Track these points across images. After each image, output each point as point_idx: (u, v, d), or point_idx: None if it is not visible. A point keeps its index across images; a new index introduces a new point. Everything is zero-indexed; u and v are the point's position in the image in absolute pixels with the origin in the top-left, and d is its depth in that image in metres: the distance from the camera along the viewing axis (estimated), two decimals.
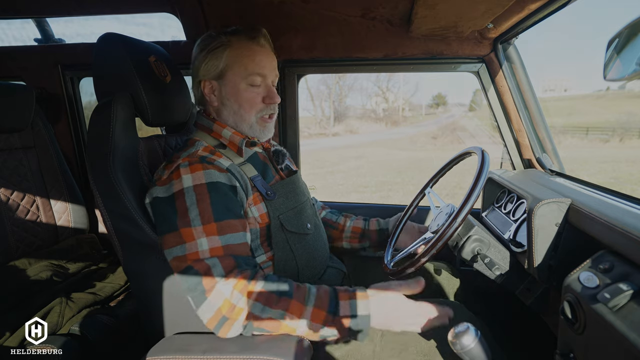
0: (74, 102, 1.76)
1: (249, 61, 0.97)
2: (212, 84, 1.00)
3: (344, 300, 0.82)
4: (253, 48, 0.98)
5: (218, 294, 0.78)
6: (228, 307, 0.79)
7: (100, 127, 0.94)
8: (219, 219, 0.84)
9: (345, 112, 29.75)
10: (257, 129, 1.02)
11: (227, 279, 0.79)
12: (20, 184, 1.49)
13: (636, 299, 0.57)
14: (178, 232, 0.82)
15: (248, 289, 0.80)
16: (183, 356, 0.80)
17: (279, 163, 1.12)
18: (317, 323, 0.80)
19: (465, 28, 1.28)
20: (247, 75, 0.97)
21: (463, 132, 20.41)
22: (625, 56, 0.66)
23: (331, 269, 1.14)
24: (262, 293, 0.80)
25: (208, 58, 0.97)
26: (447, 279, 1.26)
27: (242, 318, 0.79)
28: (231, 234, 0.84)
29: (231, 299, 0.79)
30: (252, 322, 0.80)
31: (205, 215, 0.83)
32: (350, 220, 1.32)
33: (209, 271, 0.79)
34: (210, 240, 0.82)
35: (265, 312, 0.79)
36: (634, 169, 10.87)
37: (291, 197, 1.03)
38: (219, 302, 0.79)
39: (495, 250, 1.01)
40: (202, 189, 0.85)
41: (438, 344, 0.89)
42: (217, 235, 0.83)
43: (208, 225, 0.82)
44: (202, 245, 0.81)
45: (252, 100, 0.99)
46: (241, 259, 0.84)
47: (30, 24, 1.75)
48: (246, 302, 0.79)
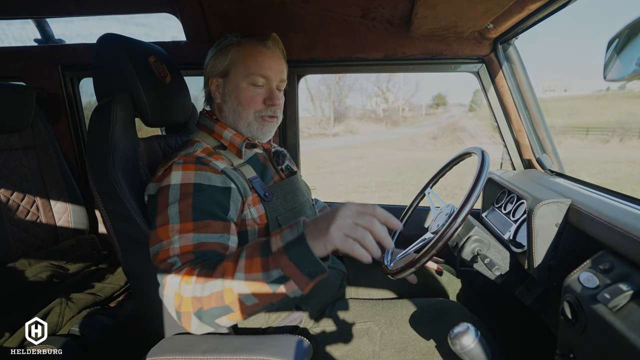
0: (74, 103, 1.76)
1: (252, 61, 0.98)
2: (217, 81, 1.02)
3: (275, 235, 0.71)
4: (259, 49, 0.99)
5: (169, 293, 0.75)
6: (178, 301, 0.74)
7: (100, 128, 0.94)
8: (197, 218, 0.81)
9: (345, 112, 29.77)
10: (255, 128, 1.02)
11: (177, 273, 0.75)
12: (20, 184, 1.49)
13: (636, 300, 0.57)
14: (156, 231, 0.82)
15: (189, 276, 0.73)
16: (183, 356, 0.80)
17: (279, 164, 1.12)
18: (254, 273, 0.69)
19: (465, 28, 1.28)
20: (249, 74, 0.98)
21: (463, 133, 20.42)
22: (625, 56, 0.66)
23: (331, 269, 1.13)
24: (200, 273, 0.73)
25: (217, 55, 1.01)
26: (447, 279, 1.26)
27: (190, 307, 0.73)
28: (207, 234, 0.81)
29: (179, 290, 0.73)
30: (201, 308, 0.72)
31: (185, 213, 0.81)
32: None
33: (169, 269, 0.76)
34: (182, 238, 0.79)
35: (205, 289, 0.71)
36: (634, 169, 10.87)
37: (289, 198, 1.03)
38: (171, 300, 0.75)
39: (495, 250, 1.01)
40: (188, 188, 0.84)
41: (438, 344, 0.90)
42: (192, 233, 0.80)
43: (186, 223, 0.80)
44: (174, 243, 0.79)
45: (251, 99, 0.99)
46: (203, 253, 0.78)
47: (30, 24, 1.75)
48: (186, 289, 0.73)
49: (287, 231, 0.70)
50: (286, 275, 0.67)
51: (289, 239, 0.69)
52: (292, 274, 0.67)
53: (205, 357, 0.78)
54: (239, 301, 0.70)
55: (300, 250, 0.67)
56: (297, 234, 0.68)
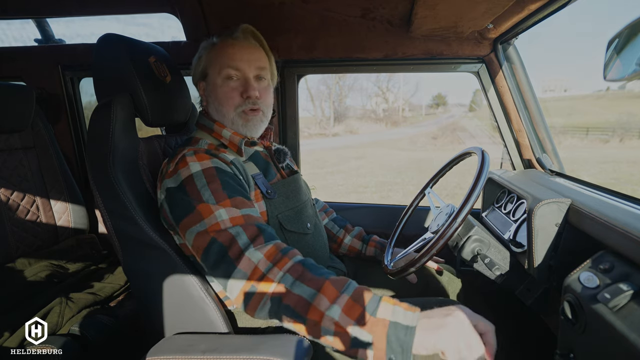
0: (74, 103, 1.76)
1: (221, 55, 0.98)
2: (202, 84, 1.05)
3: (387, 302, 0.67)
4: (228, 42, 0.99)
5: (247, 261, 0.74)
6: (258, 276, 0.73)
7: (100, 128, 0.94)
8: (232, 196, 0.83)
9: (345, 112, 29.77)
10: (240, 124, 1.00)
11: (255, 246, 0.76)
12: (20, 184, 1.49)
13: (636, 299, 0.57)
14: (195, 211, 0.81)
15: (280, 260, 0.74)
16: (183, 356, 0.80)
17: (280, 162, 1.13)
18: (349, 317, 0.65)
19: (465, 28, 1.28)
20: (220, 70, 0.98)
21: (463, 133, 20.42)
22: (625, 56, 0.66)
23: (331, 269, 1.13)
24: (296, 267, 0.73)
25: (196, 60, 1.04)
26: (448, 279, 1.26)
27: (270, 291, 0.72)
28: (246, 208, 0.83)
29: (260, 266, 0.73)
30: (279, 298, 0.70)
31: (218, 194, 0.82)
32: (350, 235, 1.33)
33: (234, 240, 0.76)
34: (228, 211, 0.80)
35: (295, 287, 0.70)
36: (635, 169, 10.86)
37: (291, 196, 1.03)
38: (249, 270, 0.73)
39: (495, 250, 1.01)
40: (210, 171, 0.85)
41: None
42: (234, 208, 0.81)
43: (223, 202, 0.81)
44: (222, 216, 0.79)
45: (228, 94, 0.98)
46: (265, 227, 0.81)
47: (30, 25, 1.75)
48: (276, 274, 0.72)
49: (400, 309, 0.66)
50: (372, 344, 0.64)
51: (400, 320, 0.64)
52: (377, 349, 0.64)
53: (205, 356, 0.78)
54: (319, 327, 0.67)
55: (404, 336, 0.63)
56: (410, 323, 0.64)
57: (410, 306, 0.67)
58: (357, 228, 1.37)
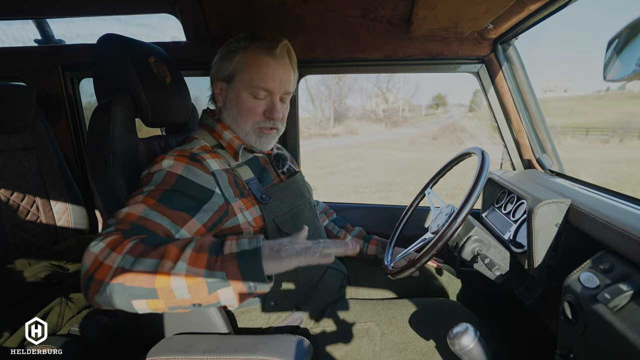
0: (74, 103, 1.76)
1: (255, 72, 0.95)
2: (221, 85, 1.02)
3: (230, 240, 0.71)
4: (264, 59, 0.96)
5: (89, 254, 0.68)
6: (95, 266, 0.66)
7: (100, 128, 0.94)
8: (162, 201, 0.79)
9: (345, 112, 29.76)
10: (253, 139, 1.01)
11: (105, 237, 0.69)
12: (20, 184, 1.49)
13: (636, 300, 0.57)
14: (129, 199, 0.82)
15: (120, 245, 0.68)
16: (183, 356, 0.80)
17: (280, 167, 1.12)
18: (197, 267, 0.65)
19: (465, 29, 1.28)
20: (251, 86, 0.96)
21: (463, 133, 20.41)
22: (625, 56, 0.66)
23: (331, 270, 1.14)
24: (137, 246, 0.68)
25: (222, 59, 1.00)
26: (447, 279, 1.26)
27: (109, 277, 0.65)
28: (161, 215, 0.77)
29: (99, 256, 0.67)
30: (122, 283, 0.64)
31: (156, 192, 0.81)
32: (350, 235, 1.33)
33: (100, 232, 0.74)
34: (134, 207, 0.77)
35: (137, 264, 0.65)
36: (634, 169, 10.86)
37: (286, 200, 1.03)
38: (89, 263, 0.67)
39: (495, 250, 1.01)
40: (172, 177, 0.85)
41: (438, 344, 0.90)
42: (145, 206, 0.77)
43: (149, 198, 0.79)
44: (124, 209, 0.77)
45: (251, 110, 0.98)
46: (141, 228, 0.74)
47: (30, 25, 1.75)
48: (114, 258, 0.66)
49: (244, 240, 0.70)
50: (228, 281, 0.65)
51: (245, 247, 0.68)
52: (234, 282, 0.66)
53: (205, 357, 0.78)
54: (170, 289, 0.65)
55: (253, 260, 0.66)
56: (255, 245, 0.68)
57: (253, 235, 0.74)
58: (357, 228, 1.37)
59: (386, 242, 1.30)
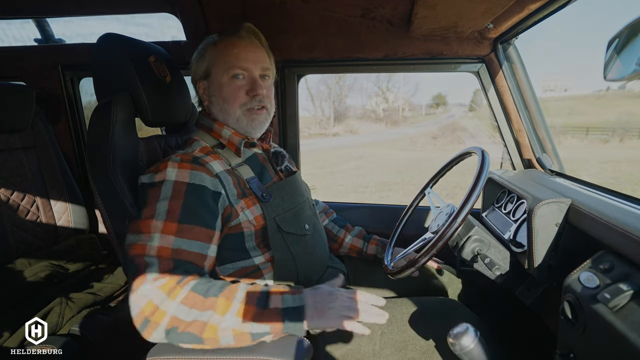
0: (74, 103, 1.76)
1: (227, 55, 0.98)
2: (203, 84, 1.03)
3: (275, 294, 0.78)
4: (232, 42, 0.99)
5: (141, 295, 0.73)
6: (151, 309, 0.73)
7: (100, 128, 0.94)
8: (183, 221, 0.81)
9: (345, 112, 29.75)
10: (244, 122, 1.01)
11: (156, 281, 0.74)
12: (20, 184, 1.49)
13: (636, 299, 0.57)
14: (139, 222, 0.81)
15: (174, 291, 0.74)
16: (183, 356, 0.80)
17: (279, 164, 1.12)
18: (245, 321, 0.74)
19: (465, 28, 1.28)
20: (227, 69, 0.97)
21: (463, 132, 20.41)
22: (625, 56, 0.66)
23: (331, 269, 1.14)
24: (189, 296, 0.74)
25: (197, 59, 1.02)
26: (448, 279, 1.26)
27: (164, 322, 0.72)
28: (188, 239, 0.80)
29: (155, 300, 0.73)
30: (176, 328, 0.73)
31: (172, 213, 0.81)
32: (350, 235, 1.33)
33: (144, 270, 0.75)
34: (162, 239, 0.78)
35: (190, 315, 0.73)
36: (635, 169, 10.86)
37: (287, 198, 1.03)
38: (142, 304, 0.73)
39: (495, 250, 1.01)
40: (181, 187, 0.84)
41: (437, 343, 0.90)
42: (173, 236, 0.79)
43: (170, 223, 0.80)
44: (153, 241, 0.78)
45: (234, 93, 0.98)
46: (183, 264, 0.78)
47: (30, 24, 1.75)
48: (169, 305, 0.73)
49: (288, 296, 0.78)
50: (270, 333, 0.75)
51: (289, 305, 0.77)
52: (274, 334, 0.75)
53: (205, 357, 0.78)
54: (217, 339, 0.74)
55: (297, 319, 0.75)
56: (298, 304, 0.77)
57: (295, 290, 0.81)
58: (357, 228, 1.37)
59: (386, 241, 1.30)
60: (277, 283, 0.98)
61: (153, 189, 0.85)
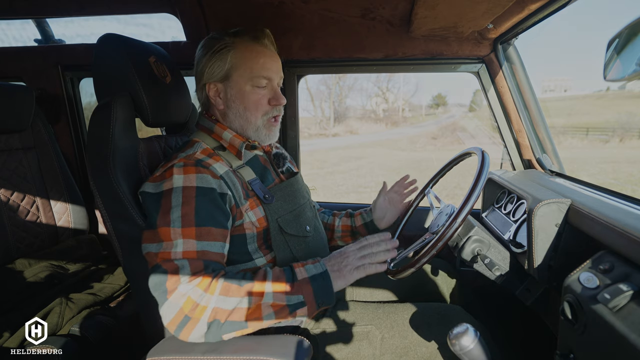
0: (74, 103, 1.76)
1: (253, 63, 0.96)
2: (217, 86, 0.99)
3: (298, 267, 0.86)
4: (257, 49, 0.97)
5: (179, 295, 0.76)
6: (191, 306, 0.76)
7: (100, 128, 0.94)
8: (200, 224, 0.82)
9: (345, 112, 29.77)
10: (263, 133, 1.01)
11: (191, 280, 0.77)
12: (20, 184, 1.49)
13: (636, 300, 0.57)
14: (156, 231, 0.82)
15: (210, 286, 0.78)
16: (183, 356, 0.80)
17: (280, 166, 1.12)
18: (280, 293, 0.80)
19: (465, 28, 1.28)
20: (252, 77, 0.96)
21: (463, 133, 20.41)
22: (625, 56, 0.66)
23: None
24: (224, 286, 0.78)
25: (213, 60, 0.97)
26: (448, 280, 1.26)
27: (205, 316, 0.76)
28: (208, 242, 0.83)
29: (194, 297, 0.76)
30: (218, 320, 0.77)
31: (187, 218, 0.82)
32: (339, 218, 1.32)
33: (176, 272, 0.77)
34: (186, 243, 0.80)
35: (231, 303, 0.77)
36: (635, 169, 10.86)
37: (290, 200, 1.03)
38: (181, 303, 0.76)
39: (495, 250, 1.01)
40: (190, 192, 0.84)
41: (438, 349, 0.89)
42: (195, 240, 0.81)
43: (188, 228, 0.81)
44: (177, 247, 0.80)
45: (257, 101, 0.98)
46: (211, 263, 0.82)
47: (30, 25, 1.75)
48: (209, 299, 0.76)
49: (310, 266, 0.85)
50: (304, 302, 0.80)
51: (314, 272, 0.84)
52: (309, 302, 0.81)
53: (205, 357, 0.78)
54: (260, 319, 0.79)
55: (324, 283, 0.82)
56: (321, 270, 0.84)
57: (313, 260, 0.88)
58: (343, 212, 1.36)
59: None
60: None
61: (163, 199, 0.85)
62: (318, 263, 0.86)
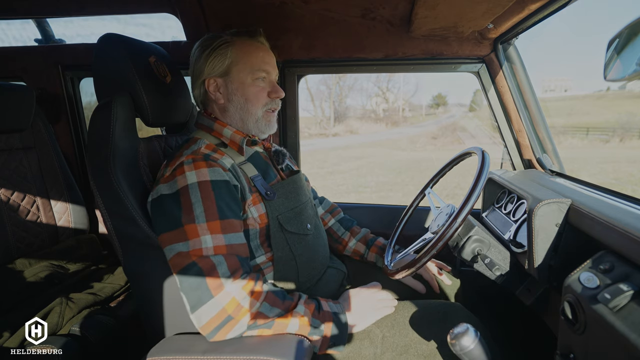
0: (74, 103, 1.76)
1: (253, 57, 1.00)
2: (217, 81, 1.01)
3: (323, 301, 0.94)
4: (255, 45, 1.02)
5: (225, 293, 0.79)
6: (235, 307, 0.80)
7: (101, 128, 0.94)
8: (223, 217, 0.85)
9: (346, 112, 29.77)
10: (263, 123, 1.04)
11: (235, 280, 0.81)
12: (20, 184, 1.49)
13: (637, 300, 0.57)
14: (182, 229, 0.82)
15: (255, 291, 0.83)
16: (183, 356, 0.80)
17: (279, 163, 1.12)
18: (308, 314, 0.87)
19: (465, 28, 1.28)
20: (253, 71, 0.99)
21: (463, 133, 20.41)
22: (625, 56, 0.66)
23: (331, 269, 1.14)
24: (269, 294, 0.85)
25: (212, 56, 0.99)
26: (448, 279, 1.26)
27: (246, 319, 0.81)
28: (233, 233, 0.86)
29: (238, 298, 0.80)
30: (257, 321, 0.82)
31: (210, 212, 0.83)
32: (355, 239, 1.33)
33: (214, 269, 0.80)
34: (214, 238, 0.82)
35: (273, 312, 0.84)
36: (635, 169, 10.86)
37: (291, 197, 1.03)
38: (225, 301, 0.79)
39: (495, 250, 1.01)
40: (206, 185, 0.85)
41: (439, 347, 0.89)
42: (221, 234, 0.83)
43: (212, 222, 0.83)
44: (207, 243, 0.81)
45: (258, 94, 1.01)
46: (243, 260, 0.86)
47: (31, 25, 1.75)
48: (251, 303, 0.81)
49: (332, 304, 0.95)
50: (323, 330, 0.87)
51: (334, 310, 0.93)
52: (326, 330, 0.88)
53: (205, 357, 0.78)
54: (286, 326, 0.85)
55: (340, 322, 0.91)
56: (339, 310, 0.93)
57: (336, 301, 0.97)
58: (363, 230, 1.35)
59: None
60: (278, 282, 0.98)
61: (182, 197, 0.85)
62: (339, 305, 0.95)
